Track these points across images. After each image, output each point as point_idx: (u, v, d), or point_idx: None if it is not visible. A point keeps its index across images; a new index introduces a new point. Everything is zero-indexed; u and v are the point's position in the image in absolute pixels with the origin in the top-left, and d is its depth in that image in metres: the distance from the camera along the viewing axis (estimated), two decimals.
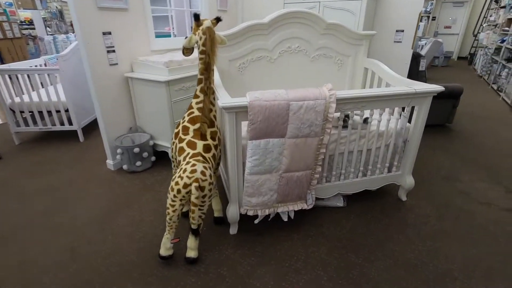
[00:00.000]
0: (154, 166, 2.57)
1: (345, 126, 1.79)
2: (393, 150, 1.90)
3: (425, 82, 3.30)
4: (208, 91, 1.59)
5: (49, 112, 3.03)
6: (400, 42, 2.79)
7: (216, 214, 1.85)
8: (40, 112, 3.00)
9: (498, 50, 6.00)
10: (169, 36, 3.55)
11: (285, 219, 1.72)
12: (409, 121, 1.89)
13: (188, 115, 1.64)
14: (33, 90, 3.25)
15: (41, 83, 3.41)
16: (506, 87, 4.79)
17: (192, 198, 1.40)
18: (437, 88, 1.70)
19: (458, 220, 1.89)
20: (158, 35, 2.72)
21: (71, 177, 2.41)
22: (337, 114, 1.78)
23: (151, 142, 2.53)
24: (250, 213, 1.64)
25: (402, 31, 2.75)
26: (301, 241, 1.70)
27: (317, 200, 1.91)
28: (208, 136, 1.61)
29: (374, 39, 2.92)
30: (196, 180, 1.40)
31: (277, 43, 2.13)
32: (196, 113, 1.62)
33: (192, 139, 1.58)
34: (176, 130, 1.67)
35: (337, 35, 2.24)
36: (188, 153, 1.54)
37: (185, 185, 1.40)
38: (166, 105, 2.31)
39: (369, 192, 2.11)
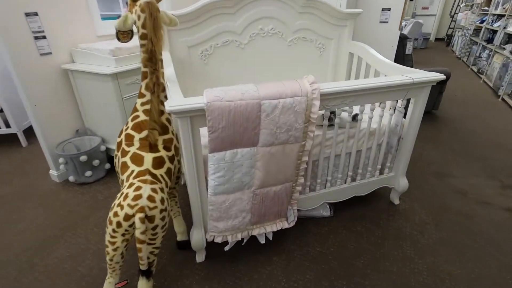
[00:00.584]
0: (109, 175, 2.18)
1: (330, 125, 1.49)
2: (386, 149, 1.63)
3: (412, 66, 3.05)
4: (156, 88, 1.22)
5: None
6: (387, 22, 2.50)
7: (179, 238, 1.52)
8: None
9: (477, 31, 5.90)
10: None
11: (262, 242, 1.42)
12: (404, 116, 1.62)
13: (132, 120, 1.27)
14: None
15: None
16: (487, 69, 4.69)
17: (137, 234, 1.06)
18: (437, 76, 1.42)
19: (457, 227, 1.67)
20: (105, 18, 2.26)
21: (6, 194, 1.98)
22: (321, 112, 1.47)
23: (103, 147, 2.12)
24: (218, 240, 1.32)
25: (389, 9, 2.45)
26: (282, 266, 1.42)
27: (300, 211, 1.62)
28: (160, 146, 1.26)
29: (357, 19, 2.61)
30: (141, 209, 1.06)
31: (246, 25, 1.76)
32: (142, 116, 1.25)
33: (138, 152, 1.21)
34: (118, 140, 1.30)
35: (318, 14, 1.90)
36: (132, 171, 1.18)
37: (127, 217, 1.06)
38: (116, 103, 1.91)
39: (358, 196, 1.85)
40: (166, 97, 1.28)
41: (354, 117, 1.48)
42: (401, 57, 2.97)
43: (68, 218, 1.75)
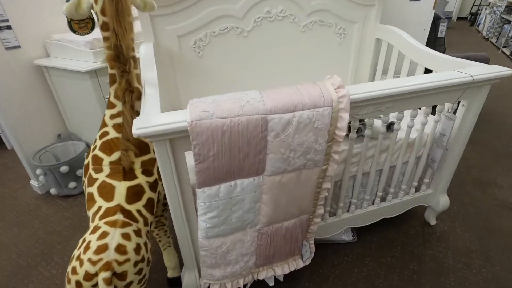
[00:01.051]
0: None
1: (359, 136, 1.16)
2: (426, 163, 1.30)
3: (444, 52, 2.63)
4: (127, 96, 0.92)
5: None
6: (418, 0, 2.09)
7: (170, 274, 1.26)
8: None
9: (509, 8, 5.29)
10: None
11: (271, 284, 1.14)
12: None
13: (100, 138, 0.98)
14: None
15: None
16: None
17: None
18: (504, 71, 1.07)
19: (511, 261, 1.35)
20: None
21: None
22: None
23: None
24: (215, 287, 1.04)
25: None
26: None
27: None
28: (138, 171, 0.97)
29: None
30: (107, 267, 0.78)
31: (250, 7, 1.41)
32: (113, 133, 0.96)
33: (108, 181, 0.93)
34: (85, 162, 1.02)
35: None
36: (99, 208, 0.90)
37: (88, 276, 0.78)
38: (97, 104, 1.61)
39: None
40: None
41: (389, 126, 1.14)
42: (432, 41, 2.55)
43: (45, 241, 1.51)
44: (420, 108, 1.47)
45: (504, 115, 2.73)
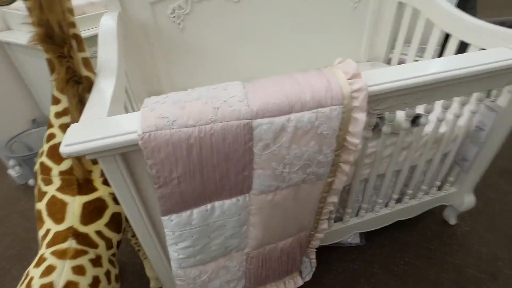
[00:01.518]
0: None
1: (375, 132, 0.93)
2: (454, 161, 1.08)
3: (475, 15, 2.27)
4: (72, 90, 0.70)
5: None
6: None
7: (153, 285, 1.12)
8: None
9: None
10: None
11: None
12: None
13: (47, 141, 0.78)
14: None
15: None
16: None
17: None
18: None
19: None
20: None
21: None
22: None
23: None
24: None
25: None
26: None
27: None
28: (98, 181, 0.78)
29: None
30: None
31: None
32: (60, 136, 0.76)
33: (58, 195, 0.75)
34: (35, 168, 0.83)
35: None
36: (47, 232, 0.73)
37: None
38: None
39: None
40: None
41: (415, 120, 0.91)
42: (461, 3, 2.19)
43: (23, 240, 1.38)
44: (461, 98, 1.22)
45: None
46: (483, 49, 0.95)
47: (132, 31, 1.10)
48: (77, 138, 0.51)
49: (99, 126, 0.54)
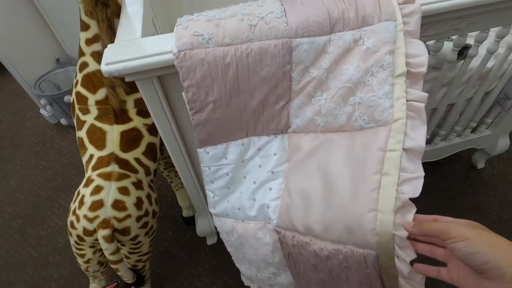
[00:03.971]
0: None
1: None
2: (496, 100, 1.02)
3: None
4: (100, 13, 0.68)
5: None
6: None
7: (185, 213, 1.21)
8: None
9: None
10: None
11: None
12: None
13: (80, 70, 0.78)
14: None
15: None
16: None
17: (107, 255, 0.73)
18: None
19: None
20: None
21: None
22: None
23: None
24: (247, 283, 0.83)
25: None
26: None
27: None
28: (132, 111, 0.80)
29: None
30: (106, 224, 0.69)
31: None
32: (93, 65, 0.76)
33: (97, 124, 0.78)
34: (71, 99, 0.85)
35: None
36: (91, 157, 0.77)
37: (87, 232, 0.71)
38: None
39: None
40: None
41: (462, 51, 0.83)
42: None
43: (62, 173, 1.50)
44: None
45: None
46: None
47: None
48: (116, 57, 0.50)
49: (136, 46, 0.53)
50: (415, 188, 0.50)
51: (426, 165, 1.25)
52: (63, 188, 1.43)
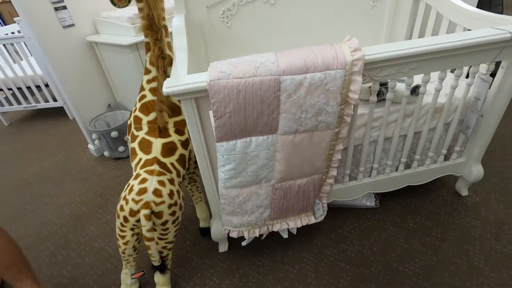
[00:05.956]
0: None
1: (381, 100, 1.16)
2: (457, 130, 1.25)
3: (502, 12, 2.34)
4: (160, 62, 1.03)
5: (37, 87, 2.64)
6: None
7: (201, 224, 1.43)
8: (21, 90, 2.65)
9: None
10: None
11: (285, 236, 1.24)
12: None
13: (139, 100, 1.12)
14: (14, 63, 2.86)
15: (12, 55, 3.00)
16: None
17: (144, 231, 0.96)
18: None
19: None
20: None
21: (51, 166, 2.10)
22: (368, 85, 1.14)
23: None
24: (234, 234, 1.18)
25: None
26: (313, 265, 1.24)
27: (338, 200, 1.38)
28: (172, 130, 1.11)
29: None
30: (146, 205, 0.94)
31: None
32: (150, 96, 1.09)
33: (146, 137, 1.08)
34: (128, 122, 1.18)
35: None
36: (140, 160, 1.06)
37: (132, 212, 0.96)
38: (139, 75, 1.79)
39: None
40: None
41: (414, 90, 1.12)
42: (487, 1, 2.27)
43: (101, 194, 1.78)
44: (452, 71, 1.39)
45: None
46: None
47: (193, 28, 1.45)
48: (173, 84, 0.82)
49: (184, 79, 0.85)
50: None
51: (414, 192, 1.47)
52: (101, 205, 1.70)
